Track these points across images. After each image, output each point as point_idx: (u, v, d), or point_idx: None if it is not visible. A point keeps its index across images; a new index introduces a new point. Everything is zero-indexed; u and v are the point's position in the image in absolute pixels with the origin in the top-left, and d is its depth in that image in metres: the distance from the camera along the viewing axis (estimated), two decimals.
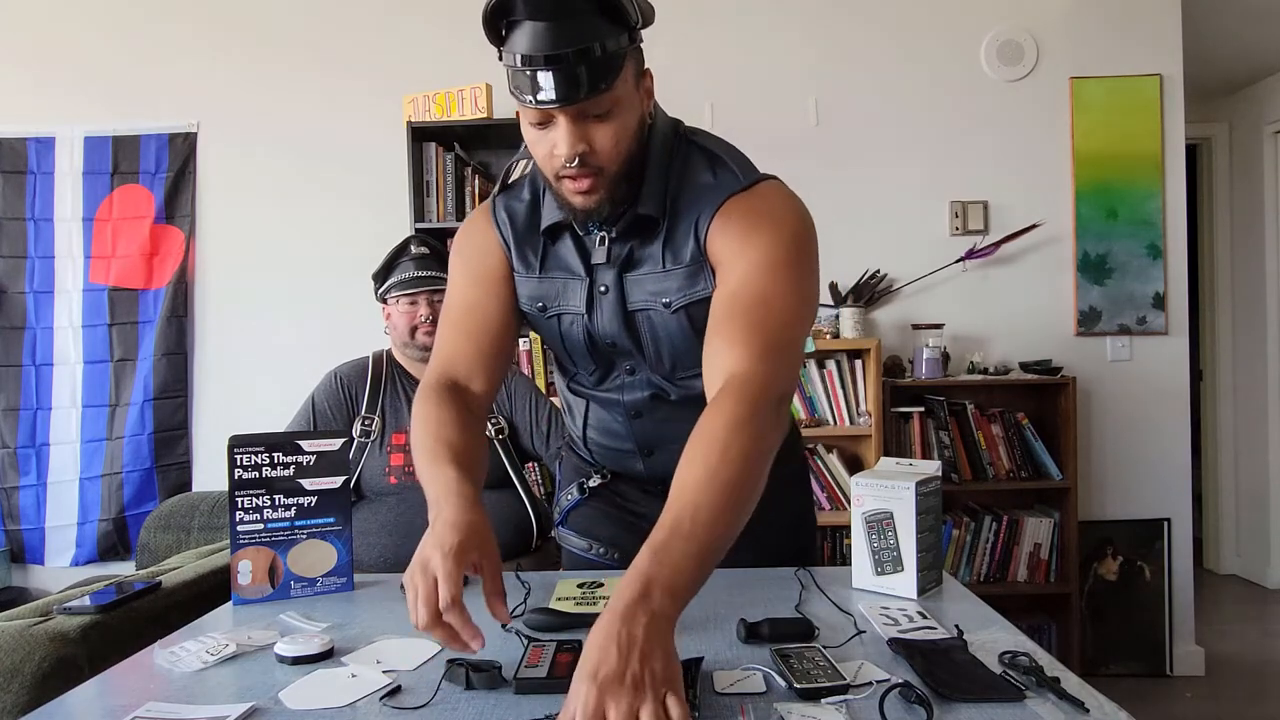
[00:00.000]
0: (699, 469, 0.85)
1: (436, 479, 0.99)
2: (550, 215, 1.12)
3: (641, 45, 1.02)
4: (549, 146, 0.99)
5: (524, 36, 0.93)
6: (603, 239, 1.10)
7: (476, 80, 2.74)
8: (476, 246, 1.19)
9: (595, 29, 0.93)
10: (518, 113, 1.01)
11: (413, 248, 2.00)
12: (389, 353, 2.04)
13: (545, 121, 0.98)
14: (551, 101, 0.93)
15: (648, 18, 1.01)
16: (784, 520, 1.32)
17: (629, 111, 1.00)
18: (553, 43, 0.91)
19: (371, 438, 1.90)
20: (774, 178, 1.11)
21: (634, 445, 1.26)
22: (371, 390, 1.95)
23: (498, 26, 0.96)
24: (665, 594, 0.76)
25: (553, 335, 1.19)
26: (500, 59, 0.97)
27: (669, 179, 1.07)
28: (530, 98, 0.94)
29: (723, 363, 0.97)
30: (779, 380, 0.96)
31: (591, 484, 1.36)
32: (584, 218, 1.05)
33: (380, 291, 2.01)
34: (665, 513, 0.83)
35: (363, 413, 1.92)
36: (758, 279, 1.00)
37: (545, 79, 0.93)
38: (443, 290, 1.97)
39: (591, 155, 0.98)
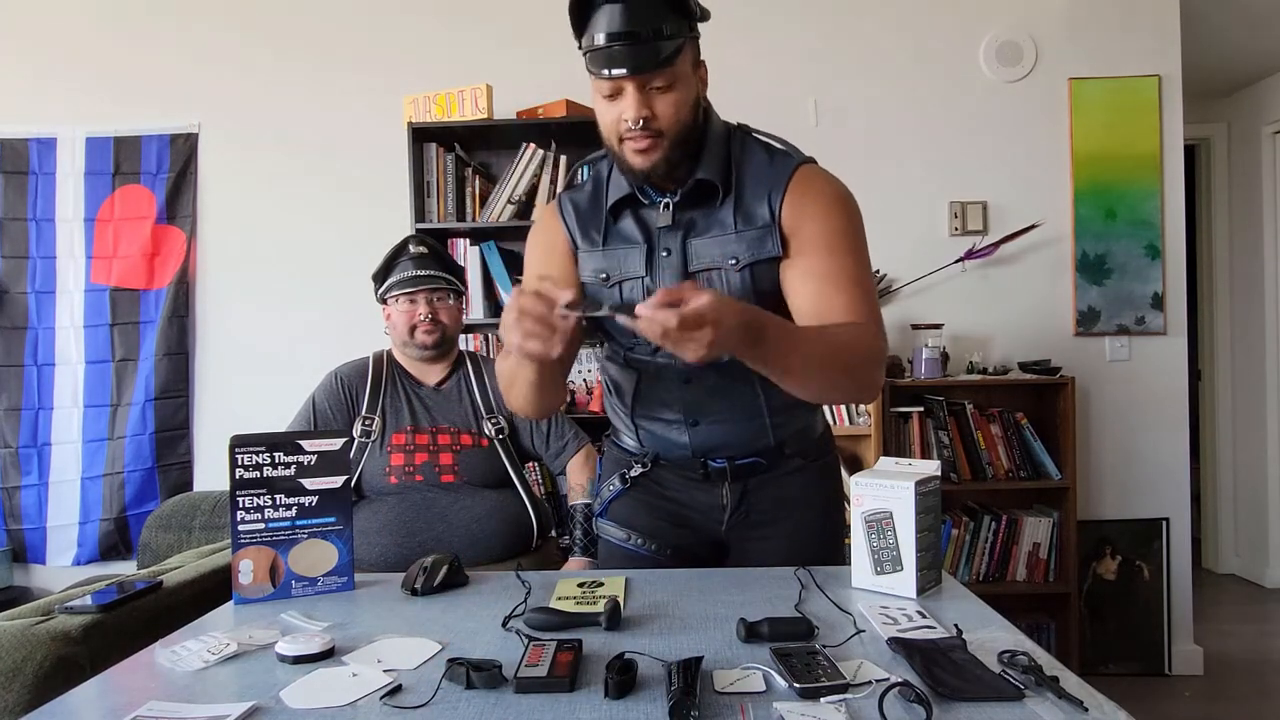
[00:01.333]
0: (825, 330, 1.11)
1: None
2: (616, 192, 1.27)
3: (699, 39, 1.20)
4: (617, 114, 1.16)
5: (603, 17, 1.12)
6: (666, 205, 1.24)
7: (477, 81, 2.74)
8: (544, 240, 1.35)
9: (661, 14, 1.12)
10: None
11: (411, 247, 2.00)
12: (389, 353, 2.05)
13: (615, 93, 1.15)
14: (622, 72, 1.11)
15: (705, 14, 1.19)
16: (816, 512, 1.39)
17: (686, 88, 1.17)
18: (626, 21, 1.10)
19: (372, 438, 1.90)
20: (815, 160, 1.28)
21: (681, 414, 1.32)
22: (372, 390, 1.96)
23: (581, 19, 1.14)
24: (767, 343, 1.02)
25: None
26: (580, 47, 1.16)
27: (729, 154, 1.24)
28: (606, 70, 1.12)
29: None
30: (886, 345, 1.20)
31: (633, 474, 1.40)
32: (643, 176, 1.20)
33: (380, 292, 2.01)
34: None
35: (363, 413, 1.93)
36: (842, 260, 1.19)
37: (618, 54, 1.11)
38: (441, 290, 1.99)
39: (653, 120, 1.15)
